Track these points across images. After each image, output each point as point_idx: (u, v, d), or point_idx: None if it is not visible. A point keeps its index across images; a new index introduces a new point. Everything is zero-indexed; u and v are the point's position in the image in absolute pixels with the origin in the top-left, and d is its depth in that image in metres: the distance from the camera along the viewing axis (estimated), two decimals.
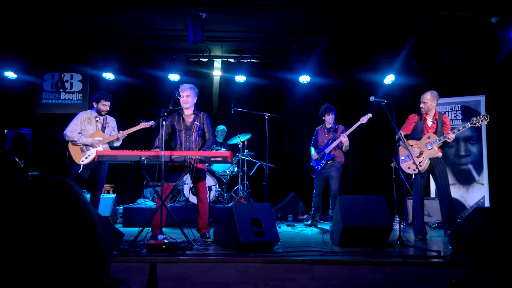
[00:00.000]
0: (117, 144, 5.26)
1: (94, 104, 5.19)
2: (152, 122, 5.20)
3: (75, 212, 0.85)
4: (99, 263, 0.87)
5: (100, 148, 5.05)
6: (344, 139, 5.77)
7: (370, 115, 5.79)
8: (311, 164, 6.15)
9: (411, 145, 4.91)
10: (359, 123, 5.82)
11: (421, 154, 4.87)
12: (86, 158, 5.01)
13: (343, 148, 5.90)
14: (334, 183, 5.85)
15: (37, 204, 0.83)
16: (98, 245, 0.88)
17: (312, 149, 6.18)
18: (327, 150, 5.92)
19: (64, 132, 5.07)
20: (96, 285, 0.85)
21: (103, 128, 5.18)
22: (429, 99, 4.89)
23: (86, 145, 5.04)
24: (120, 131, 5.17)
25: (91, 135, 5.09)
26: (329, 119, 6.03)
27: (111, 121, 5.32)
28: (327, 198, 6.16)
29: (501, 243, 3.42)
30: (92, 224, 0.88)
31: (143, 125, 5.17)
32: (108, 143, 5.20)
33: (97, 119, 5.18)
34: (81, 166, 4.97)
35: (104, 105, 5.16)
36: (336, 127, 6.08)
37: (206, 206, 4.69)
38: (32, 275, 0.79)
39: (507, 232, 3.51)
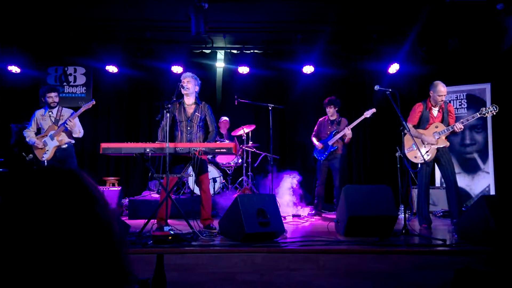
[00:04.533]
0: (75, 135, 5.16)
1: (43, 100, 5.18)
2: (93, 102, 5.12)
3: (89, 205, 0.75)
4: (119, 262, 0.77)
5: (55, 141, 5.04)
6: (348, 131, 5.86)
7: (374, 110, 5.89)
8: (314, 154, 6.25)
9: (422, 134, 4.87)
10: (363, 117, 5.94)
11: (428, 143, 4.84)
12: (45, 153, 5.01)
13: (346, 140, 5.99)
14: (338, 174, 5.99)
15: (46, 196, 0.72)
16: (116, 243, 0.77)
17: (314, 139, 6.26)
18: (330, 142, 6.01)
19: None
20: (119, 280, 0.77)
21: (56, 121, 5.14)
22: (443, 91, 4.83)
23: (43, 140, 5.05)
24: (68, 120, 5.04)
25: (46, 131, 5.10)
26: (330, 111, 6.12)
27: (66, 113, 5.23)
28: (329, 188, 6.27)
29: (506, 231, 3.42)
30: (108, 219, 0.77)
31: (85, 107, 5.09)
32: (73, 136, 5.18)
33: (50, 113, 5.16)
34: (45, 161, 4.96)
35: (50, 97, 5.13)
36: (339, 119, 6.14)
37: (209, 196, 4.71)
38: (41, 275, 0.68)
39: None
